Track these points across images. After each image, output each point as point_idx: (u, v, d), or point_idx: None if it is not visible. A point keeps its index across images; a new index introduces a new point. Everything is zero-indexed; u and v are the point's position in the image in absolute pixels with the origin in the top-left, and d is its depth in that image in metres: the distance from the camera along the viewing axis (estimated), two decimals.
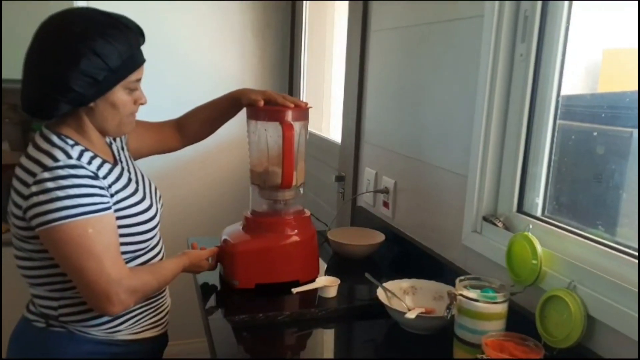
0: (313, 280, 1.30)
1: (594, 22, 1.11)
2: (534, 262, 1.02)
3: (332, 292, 1.26)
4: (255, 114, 1.32)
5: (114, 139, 1.24)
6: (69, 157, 1.03)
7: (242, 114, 1.42)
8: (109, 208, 1.05)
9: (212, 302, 1.24)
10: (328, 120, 2.48)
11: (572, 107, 1.11)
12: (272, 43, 2.67)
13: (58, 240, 1.00)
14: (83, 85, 1.02)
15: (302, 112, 1.30)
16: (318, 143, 2.27)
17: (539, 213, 1.15)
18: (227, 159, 2.66)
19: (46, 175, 1.00)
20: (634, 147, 0.97)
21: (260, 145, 1.33)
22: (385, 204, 1.65)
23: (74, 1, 2.02)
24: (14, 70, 1.96)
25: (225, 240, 1.32)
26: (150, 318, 1.21)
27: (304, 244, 1.33)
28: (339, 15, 2.38)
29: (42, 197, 0.99)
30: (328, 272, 1.45)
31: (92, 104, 1.07)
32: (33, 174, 1.01)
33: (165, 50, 2.43)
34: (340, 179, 1.96)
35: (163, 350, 1.31)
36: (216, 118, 1.42)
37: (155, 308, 1.22)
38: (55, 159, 1.02)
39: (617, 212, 1.02)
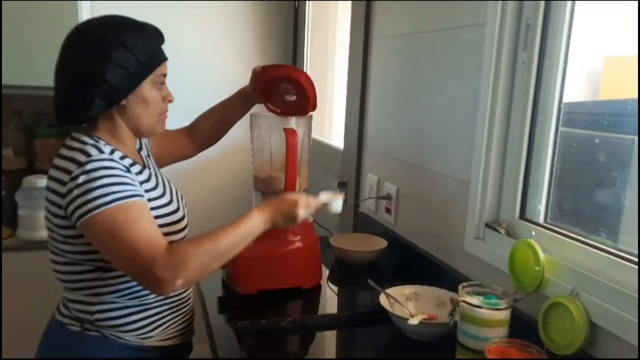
0: (317, 286, 1.30)
1: (596, 29, 1.11)
2: (537, 268, 1.02)
3: (338, 205, 1.21)
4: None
5: (141, 147, 1.26)
6: (101, 152, 1.06)
7: (246, 120, 1.43)
8: (140, 195, 1.06)
9: (214, 307, 1.24)
10: (330, 127, 2.49)
11: (574, 115, 1.11)
12: (274, 48, 2.68)
13: (94, 230, 1.01)
14: (117, 77, 1.06)
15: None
16: (320, 149, 2.28)
17: (541, 220, 1.15)
18: (230, 165, 2.67)
19: (80, 170, 1.02)
20: (635, 154, 0.97)
21: (263, 152, 1.34)
22: (388, 210, 1.66)
23: (78, 1, 2.03)
24: (15, 76, 1.98)
25: None
26: (180, 324, 1.22)
27: (307, 250, 1.34)
28: (342, 22, 2.39)
29: (78, 192, 1.01)
30: (330, 278, 1.45)
31: (124, 102, 1.10)
32: (69, 172, 1.03)
33: (168, 55, 2.44)
34: (342, 185, 1.96)
35: (187, 357, 1.32)
36: (226, 118, 1.44)
37: (185, 314, 1.23)
38: (88, 155, 1.04)
39: (619, 219, 1.03)
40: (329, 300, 1.36)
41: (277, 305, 1.25)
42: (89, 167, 1.02)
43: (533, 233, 1.06)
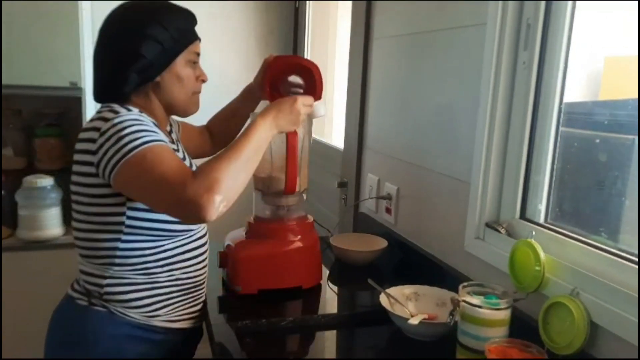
0: (317, 285, 1.30)
1: (596, 29, 1.11)
2: (537, 268, 1.02)
3: (322, 110, 1.25)
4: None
5: (171, 130, 1.28)
6: (129, 110, 1.09)
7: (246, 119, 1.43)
8: (166, 143, 1.07)
9: (214, 307, 1.24)
10: (331, 127, 2.49)
11: (574, 115, 1.11)
12: (274, 49, 2.68)
13: (126, 175, 1.02)
14: (151, 52, 1.09)
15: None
16: (321, 149, 2.28)
17: (541, 220, 1.15)
18: None
19: (109, 125, 1.04)
20: (635, 154, 0.97)
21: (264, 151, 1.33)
22: (388, 210, 1.66)
23: (78, 1, 2.03)
24: (14, 75, 1.98)
25: (228, 245, 1.32)
26: (189, 307, 1.22)
27: (307, 250, 1.33)
28: (342, 23, 2.39)
29: (108, 144, 1.03)
30: (331, 278, 1.45)
31: (158, 78, 1.13)
32: (98, 129, 1.05)
33: None
34: (342, 185, 1.96)
35: (196, 345, 1.32)
36: (234, 116, 1.46)
37: (195, 298, 1.24)
38: (116, 112, 1.07)
39: (620, 219, 1.02)
40: (329, 300, 1.36)
41: (277, 305, 1.25)
42: (116, 120, 1.04)
43: (533, 233, 1.06)
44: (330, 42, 2.52)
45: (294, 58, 1.38)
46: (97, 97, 1.16)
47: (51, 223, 2.10)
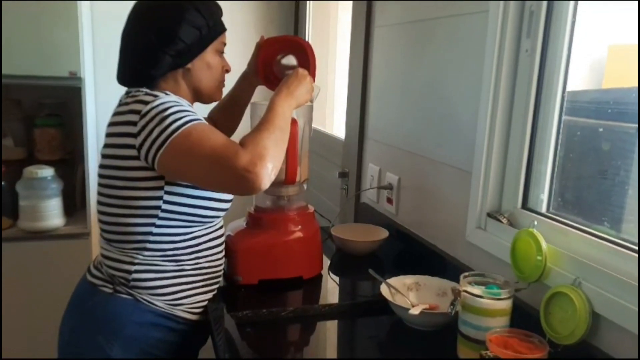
0: (317, 276, 1.29)
1: (600, 18, 1.10)
2: (539, 258, 1.01)
3: (316, 88, 1.27)
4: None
5: None
6: (168, 95, 1.10)
7: (246, 110, 1.42)
8: (206, 122, 1.08)
9: (215, 297, 1.24)
10: (332, 117, 2.48)
11: (577, 103, 1.10)
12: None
13: (173, 153, 1.02)
14: (189, 37, 1.12)
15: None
16: (322, 139, 2.27)
17: (543, 209, 1.14)
18: None
19: (149, 107, 1.05)
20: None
21: None
22: (389, 200, 1.65)
23: (78, 1, 2.01)
24: (14, 66, 1.97)
25: (228, 236, 1.32)
26: (208, 300, 1.22)
27: (308, 240, 1.33)
28: (343, 12, 2.37)
29: (152, 124, 1.03)
30: (331, 269, 1.45)
31: (189, 65, 1.15)
32: (138, 112, 1.05)
33: None
34: (343, 175, 1.96)
35: (204, 344, 1.32)
36: (233, 104, 1.46)
37: (214, 291, 1.24)
38: (155, 96, 1.07)
39: (623, 208, 1.02)
40: (330, 290, 1.36)
41: (278, 295, 1.25)
42: (157, 102, 1.05)
43: (535, 223, 1.05)
44: (331, 31, 2.51)
45: (284, 36, 1.38)
46: (124, 80, 1.16)
47: (52, 214, 2.09)
